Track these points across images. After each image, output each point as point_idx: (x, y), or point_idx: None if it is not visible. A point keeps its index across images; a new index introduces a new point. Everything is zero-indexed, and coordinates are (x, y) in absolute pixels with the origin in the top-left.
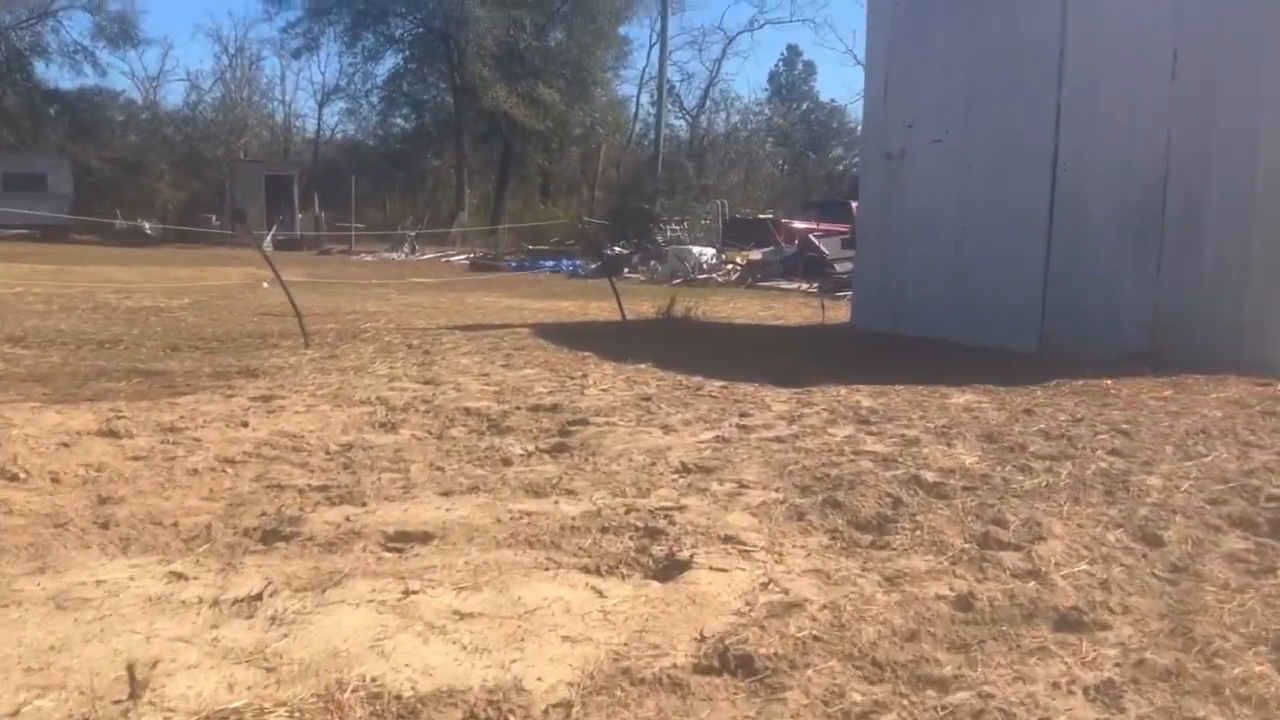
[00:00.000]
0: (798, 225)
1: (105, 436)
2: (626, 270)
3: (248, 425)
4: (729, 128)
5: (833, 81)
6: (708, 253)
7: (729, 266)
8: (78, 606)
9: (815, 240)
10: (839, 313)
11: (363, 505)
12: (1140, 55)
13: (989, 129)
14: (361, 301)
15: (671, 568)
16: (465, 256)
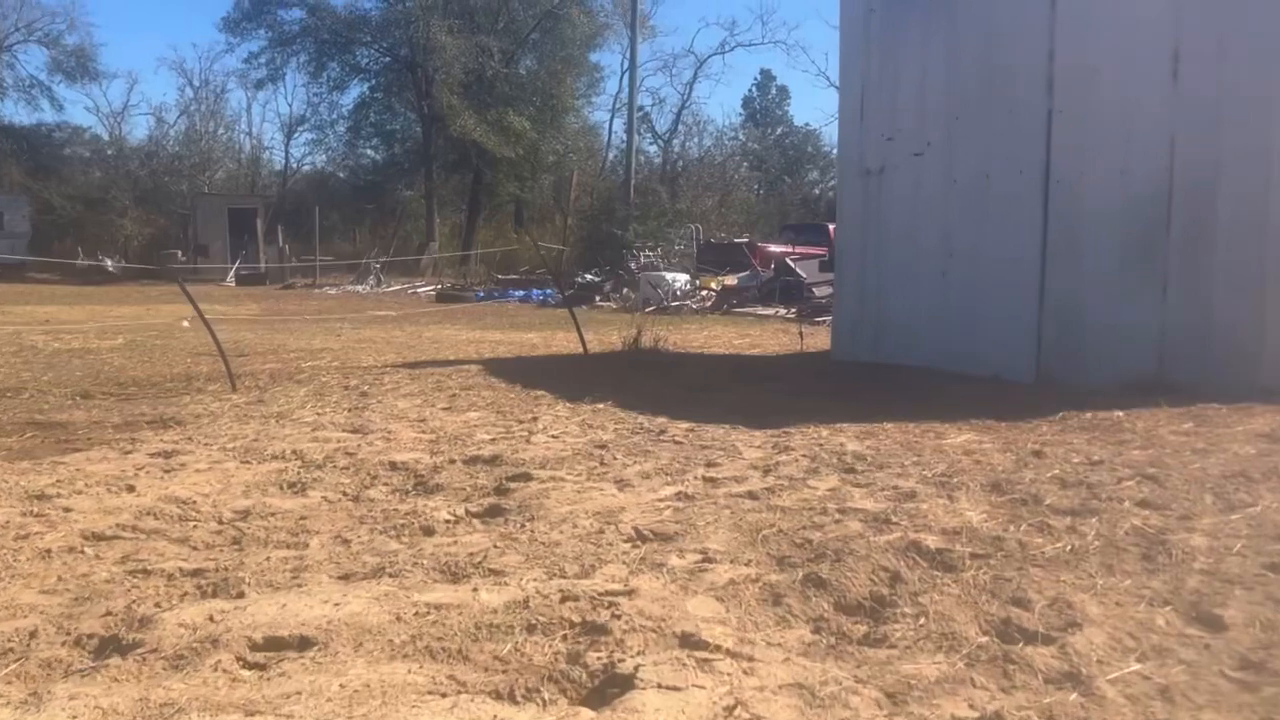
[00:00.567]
0: (774, 249)
1: None
2: (598, 298)
3: (134, 489)
4: (702, 151)
5: (806, 105)
6: (681, 279)
7: (703, 293)
8: None
9: (792, 264)
10: (818, 339)
11: (238, 597)
12: (1138, 57)
13: (974, 140)
14: (310, 338)
15: (609, 686)
16: (432, 288)
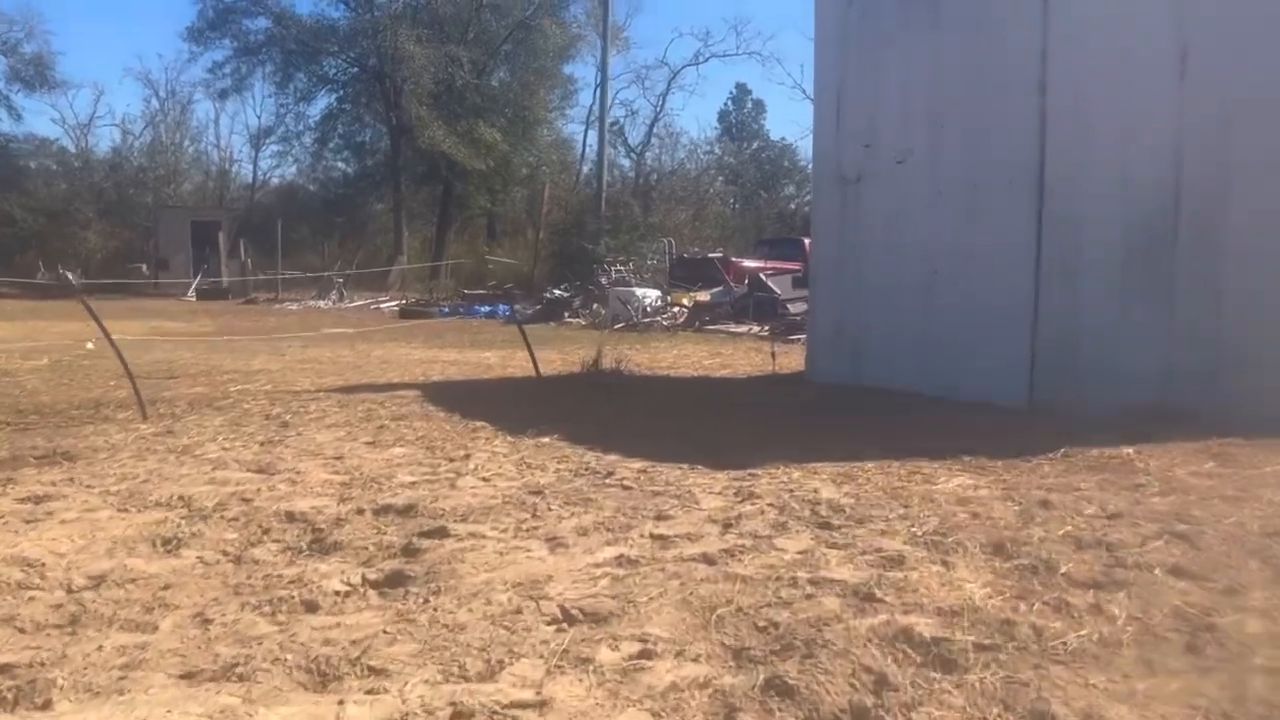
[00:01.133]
0: (748, 264)
1: None
2: (567, 315)
3: None
4: (676, 164)
5: (783, 118)
6: (652, 294)
7: (675, 309)
8: None
9: (766, 279)
10: (793, 359)
11: (42, 708)
12: (1141, 54)
13: (960, 146)
14: (251, 357)
15: None
16: (396, 303)
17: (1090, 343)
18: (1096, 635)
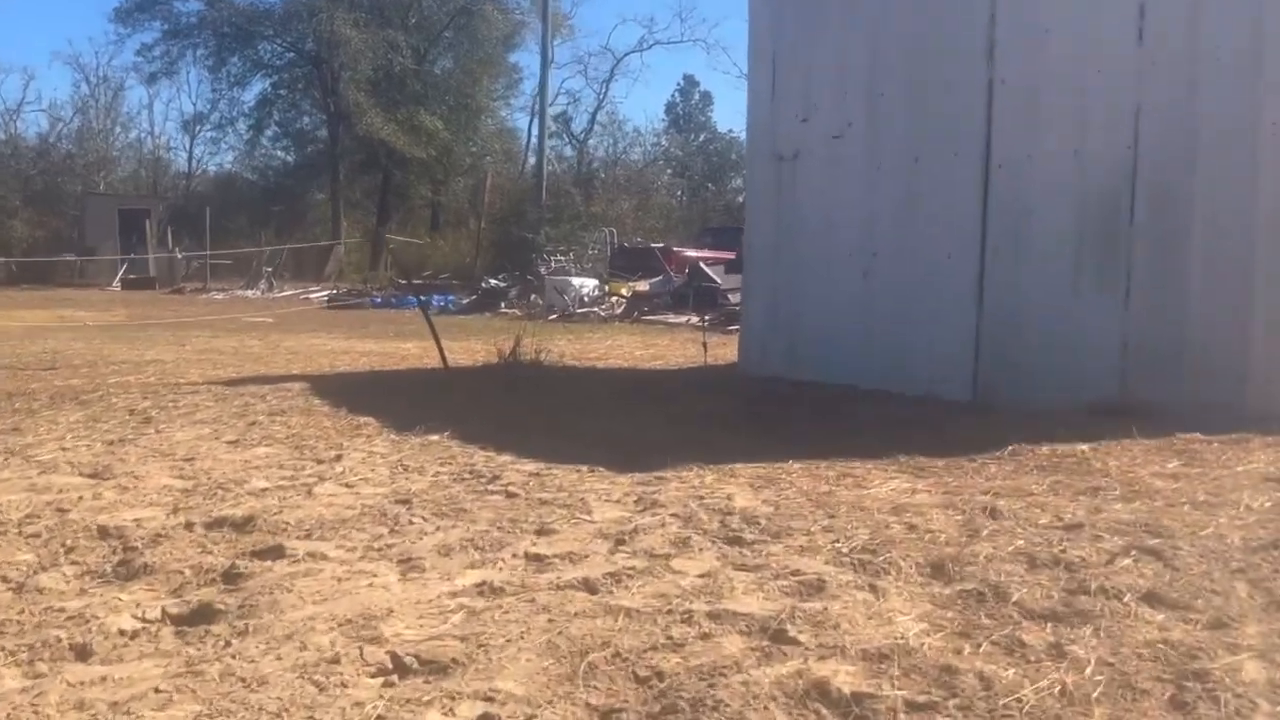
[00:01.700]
0: (689, 253)
1: None
2: (503, 305)
3: None
4: (619, 153)
5: (730, 110)
6: (589, 284)
7: (613, 299)
8: None
9: (706, 268)
10: (729, 350)
11: None
12: (1096, 14)
13: (902, 119)
14: (149, 347)
15: None
16: (327, 293)
17: (1041, 330)
18: (1058, 687)
